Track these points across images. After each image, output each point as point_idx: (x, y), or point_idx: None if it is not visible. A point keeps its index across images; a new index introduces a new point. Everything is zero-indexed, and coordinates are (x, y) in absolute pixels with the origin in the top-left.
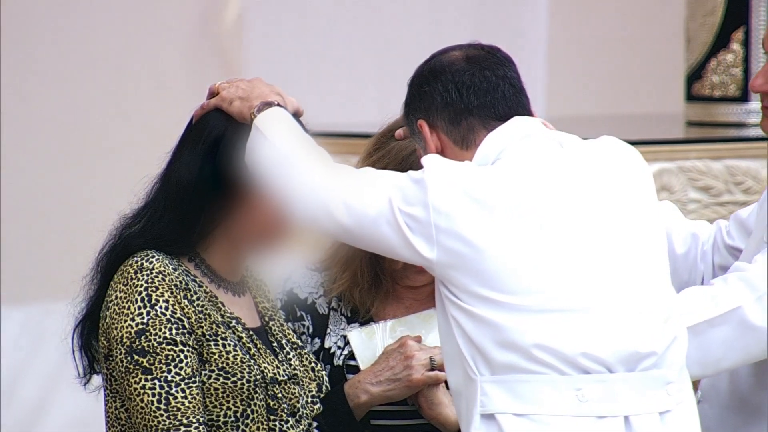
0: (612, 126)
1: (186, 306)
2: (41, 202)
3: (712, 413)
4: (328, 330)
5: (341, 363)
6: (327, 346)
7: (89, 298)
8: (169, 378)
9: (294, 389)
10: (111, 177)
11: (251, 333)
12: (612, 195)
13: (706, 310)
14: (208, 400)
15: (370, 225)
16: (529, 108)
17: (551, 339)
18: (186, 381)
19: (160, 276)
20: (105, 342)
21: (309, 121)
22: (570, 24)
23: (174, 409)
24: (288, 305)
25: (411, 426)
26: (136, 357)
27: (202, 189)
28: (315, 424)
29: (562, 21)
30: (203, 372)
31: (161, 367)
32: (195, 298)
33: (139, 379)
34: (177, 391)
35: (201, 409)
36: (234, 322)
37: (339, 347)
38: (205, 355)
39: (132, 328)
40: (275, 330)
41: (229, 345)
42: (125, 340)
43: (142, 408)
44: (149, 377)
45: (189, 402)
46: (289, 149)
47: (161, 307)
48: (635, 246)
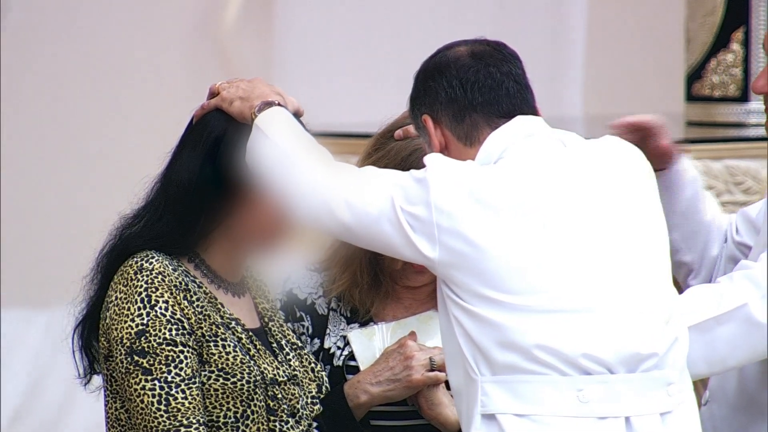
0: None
1: (186, 307)
2: (41, 202)
3: (719, 413)
4: (327, 330)
5: (341, 363)
6: (327, 346)
7: (89, 298)
8: (169, 379)
9: (294, 390)
10: (111, 177)
11: (251, 334)
12: (614, 195)
13: (711, 308)
14: (208, 400)
15: (371, 224)
16: (534, 105)
17: (552, 339)
18: (186, 382)
19: (159, 277)
20: (105, 342)
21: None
22: (570, 24)
23: (174, 410)
24: (287, 306)
25: (411, 426)
26: (136, 358)
27: (202, 189)
28: (315, 424)
29: (562, 21)
30: (203, 373)
31: (161, 368)
32: (195, 298)
33: (139, 380)
34: (177, 392)
35: (201, 410)
36: (233, 323)
37: (339, 347)
38: (205, 356)
39: (132, 328)
40: (275, 331)
41: (229, 346)
42: (125, 340)
43: (142, 409)
44: (149, 378)
45: (189, 403)
46: (291, 148)
47: (161, 308)
48: (637, 246)
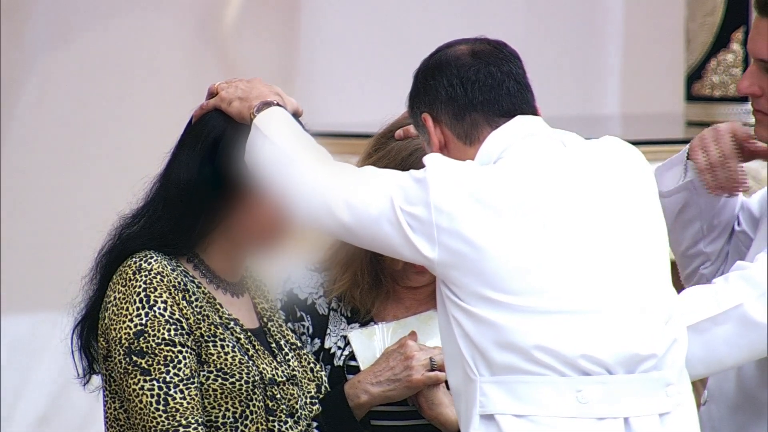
0: (612, 126)
1: (184, 307)
2: (41, 202)
3: (718, 413)
4: (328, 330)
5: (341, 363)
6: (327, 346)
7: (88, 298)
8: (168, 379)
9: (292, 390)
10: (110, 177)
11: (249, 334)
12: (614, 195)
13: (707, 308)
14: (206, 401)
15: (371, 224)
16: (534, 104)
17: (552, 340)
18: (184, 382)
19: (158, 277)
20: (104, 343)
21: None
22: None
23: (173, 410)
24: (288, 306)
25: (411, 426)
26: (134, 358)
27: (201, 189)
28: (314, 424)
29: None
30: (202, 373)
31: (160, 368)
32: (193, 299)
33: (138, 380)
34: (176, 392)
35: (199, 410)
36: (232, 323)
37: (339, 348)
38: (204, 356)
39: (130, 329)
40: (274, 331)
41: (228, 346)
42: (124, 341)
43: (140, 409)
44: (148, 378)
45: (188, 403)
46: (290, 148)
47: (160, 308)
48: (636, 247)
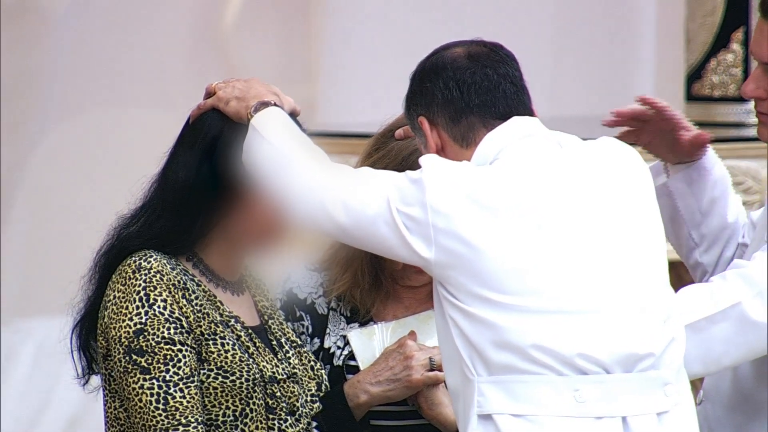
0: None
1: (184, 305)
2: (41, 201)
3: (714, 413)
4: (327, 330)
5: (341, 363)
6: (326, 346)
7: (87, 298)
8: (168, 378)
9: (293, 388)
10: (110, 177)
11: (250, 332)
12: (611, 196)
13: (705, 307)
14: (206, 399)
15: (368, 225)
16: (531, 106)
17: (549, 340)
18: (184, 380)
19: (158, 275)
20: (103, 342)
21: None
22: (570, 24)
23: (172, 409)
24: (287, 305)
25: (411, 426)
26: (134, 357)
27: (199, 189)
28: (314, 423)
29: (561, 21)
30: (202, 371)
31: (159, 367)
32: (193, 297)
33: (138, 379)
34: (175, 391)
35: (200, 409)
36: (233, 320)
37: (339, 347)
38: (204, 354)
39: (130, 327)
40: (274, 329)
41: (228, 344)
42: (123, 339)
43: (140, 408)
44: (148, 377)
45: (188, 401)
46: (287, 149)
47: (159, 307)
48: (634, 247)
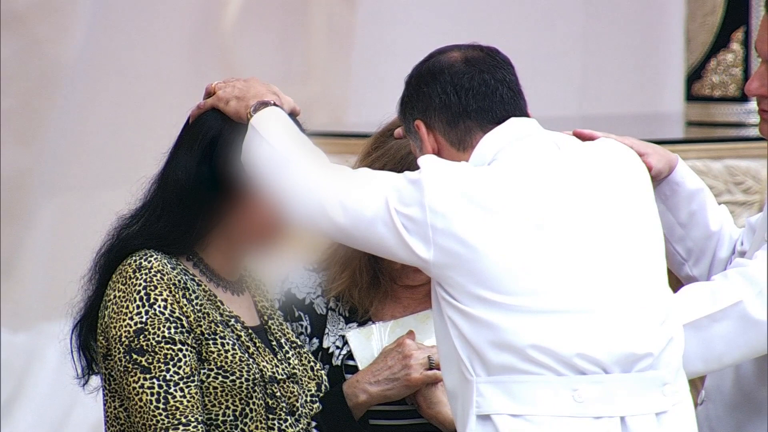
0: (612, 126)
1: (185, 305)
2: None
3: (715, 412)
4: (326, 330)
5: (340, 363)
6: (325, 346)
7: (87, 298)
8: (168, 377)
9: (293, 388)
10: (110, 177)
11: (250, 332)
12: (609, 196)
13: (706, 305)
14: (207, 399)
15: (366, 225)
16: (526, 111)
17: (547, 340)
18: (185, 380)
19: (158, 275)
20: (104, 341)
21: None
22: (570, 23)
23: (173, 408)
24: (286, 305)
25: (410, 425)
26: (134, 356)
27: (199, 189)
28: (314, 423)
29: (560, 20)
30: (202, 371)
31: (160, 366)
32: (194, 297)
33: (138, 378)
34: (176, 390)
35: (200, 408)
36: (233, 320)
37: (337, 347)
38: (204, 354)
39: (131, 327)
40: (274, 329)
41: (228, 344)
42: (124, 339)
43: (141, 407)
44: (148, 376)
45: (188, 401)
46: (286, 149)
47: (160, 306)
48: (632, 247)
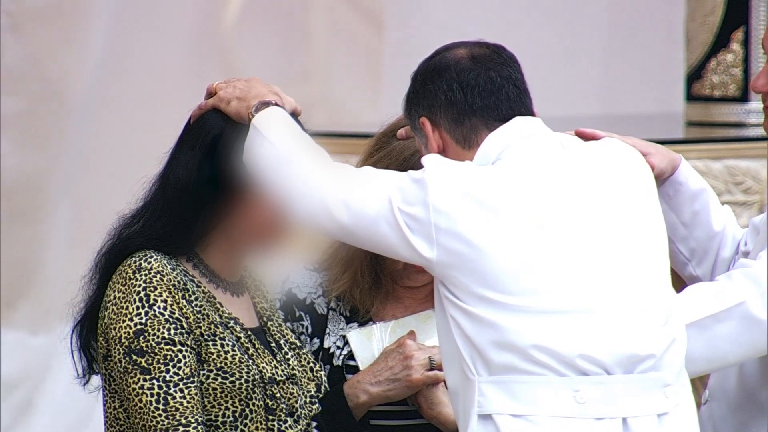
0: (612, 126)
1: (184, 306)
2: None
3: (719, 412)
4: (327, 330)
5: (341, 363)
6: (326, 346)
7: (88, 298)
8: (168, 378)
9: (292, 389)
10: (110, 177)
11: (249, 333)
12: (613, 197)
13: (710, 305)
14: (206, 400)
15: (369, 224)
16: (532, 109)
17: (549, 340)
18: (184, 381)
19: (158, 276)
20: (104, 342)
21: None
22: (568, 24)
23: (172, 409)
24: (287, 305)
25: (410, 426)
26: (134, 357)
27: (200, 189)
28: (314, 424)
29: (560, 21)
30: (202, 372)
31: (159, 367)
32: (193, 298)
33: (138, 379)
34: (175, 391)
35: (199, 409)
36: (232, 322)
37: (338, 347)
38: (204, 355)
39: (130, 328)
40: (273, 330)
41: (228, 345)
42: (123, 340)
43: (140, 408)
44: (148, 377)
45: (187, 402)
46: (288, 148)
47: (159, 307)
48: (635, 248)
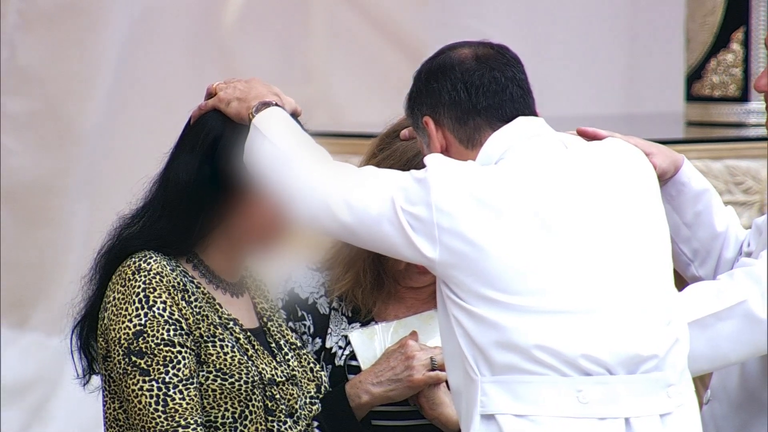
0: (612, 126)
1: (184, 307)
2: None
3: (721, 411)
4: (329, 330)
5: (342, 363)
6: (328, 346)
7: (88, 298)
8: (167, 379)
9: (292, 390)
10: (111, 177)
11: (249, 334)
12: (616, 197)
13: (712, 304)
14: (206, 401)
15: (371, 224)
16: (535, 110)
17: (552, 340)
18: (184, 382)
19: (157, 277)
20: (103, 343)
21: None
22: (569, 24)
23: (172, 411)
24: (289, 305)
25: (412, 426)
26: (133, 358)
27: (200, 190)
28: (315, 424)
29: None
30: (201, 373)
31: (159, 369)
32: (193, 299)
33: (137, 381)
34: (175, 393)
35: (199, 410)
36: (232, 323)
37: (340, 347)
38: (203, 356)
39: (130, 329)
40: (273, 331)
41: (227, 346)
42: (123, 341)
43: (140, 409)
44: (147, 378)
45: (187, 403)
46: (289, 148)
47: (159, 309)
48: (638, 248)
